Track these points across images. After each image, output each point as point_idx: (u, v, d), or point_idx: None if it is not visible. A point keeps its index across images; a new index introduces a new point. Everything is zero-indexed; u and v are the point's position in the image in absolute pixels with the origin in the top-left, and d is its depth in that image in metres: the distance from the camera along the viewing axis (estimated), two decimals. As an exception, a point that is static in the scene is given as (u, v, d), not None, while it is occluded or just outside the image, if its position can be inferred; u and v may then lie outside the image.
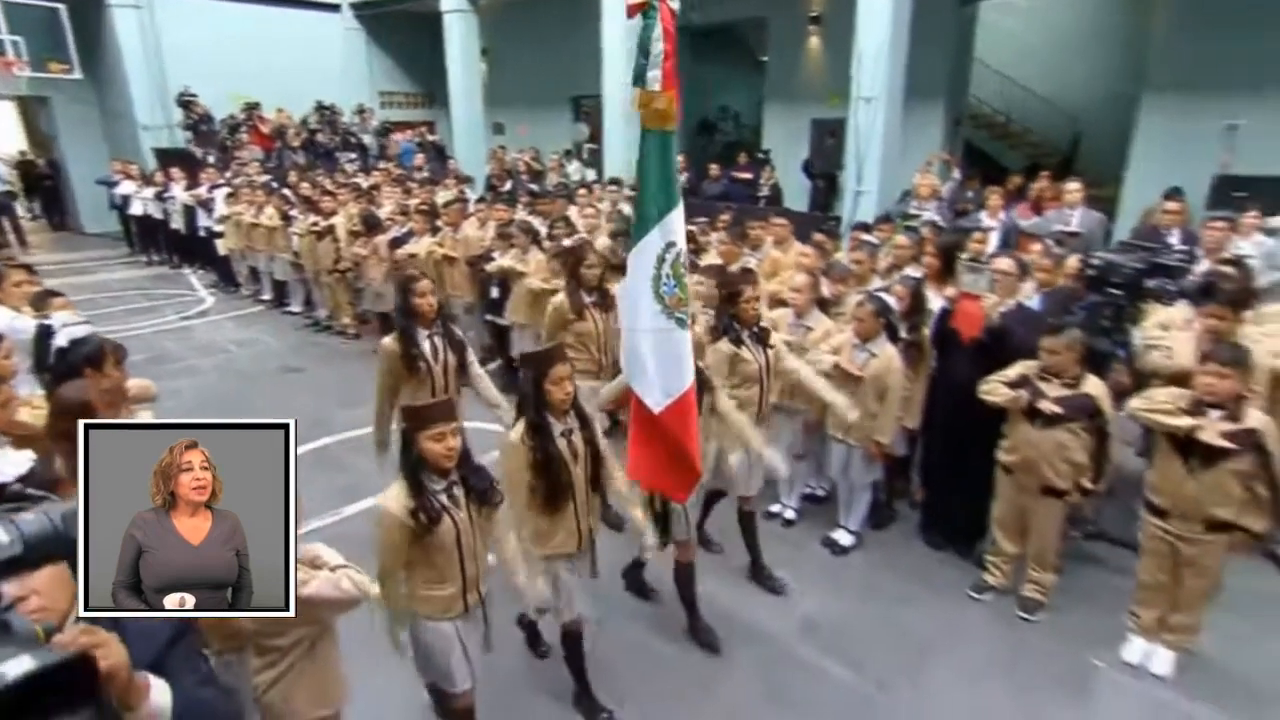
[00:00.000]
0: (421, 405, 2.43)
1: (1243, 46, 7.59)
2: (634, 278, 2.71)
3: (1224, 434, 2.90)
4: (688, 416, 2.77)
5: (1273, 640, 3.47)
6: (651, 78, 2.58)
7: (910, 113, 8.86)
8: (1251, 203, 5.83)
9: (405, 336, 3.64)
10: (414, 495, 2.33)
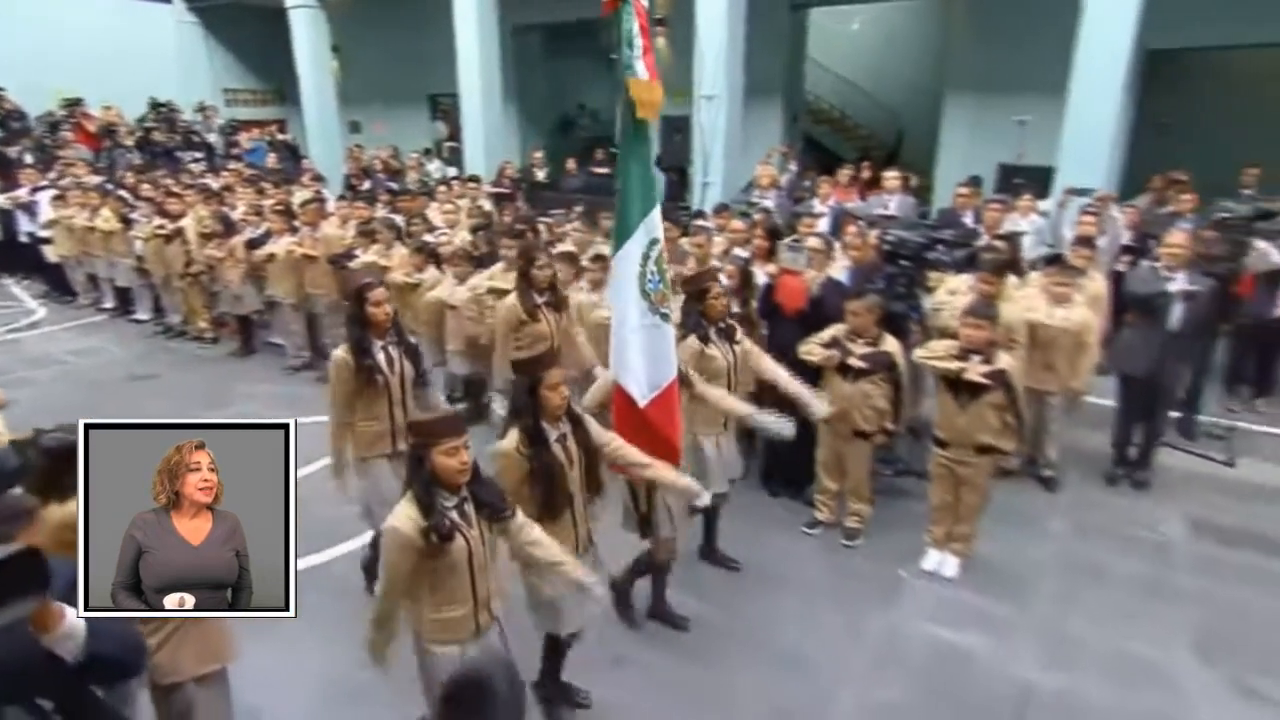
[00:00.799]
0: (433, 419, 2.32)
1: (1026, 52, 8.72)
2: (622, 278, 2.77)
3: (982, 374, 3.56)
4: (672, 407, 2.87)
5: (1030, 543, 4.25)
6: (639, 68, 2.65)
7: (750, 109, 9.54)
8: (1027, 188, 6.81)
9: (359, 348, 3.37)
10: (426, 514, 2.20)
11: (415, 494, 2.24)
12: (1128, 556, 4.13)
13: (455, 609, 2.32)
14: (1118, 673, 3.27)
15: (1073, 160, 6.66)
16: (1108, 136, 6.61)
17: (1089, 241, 5.25)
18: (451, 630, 2.33)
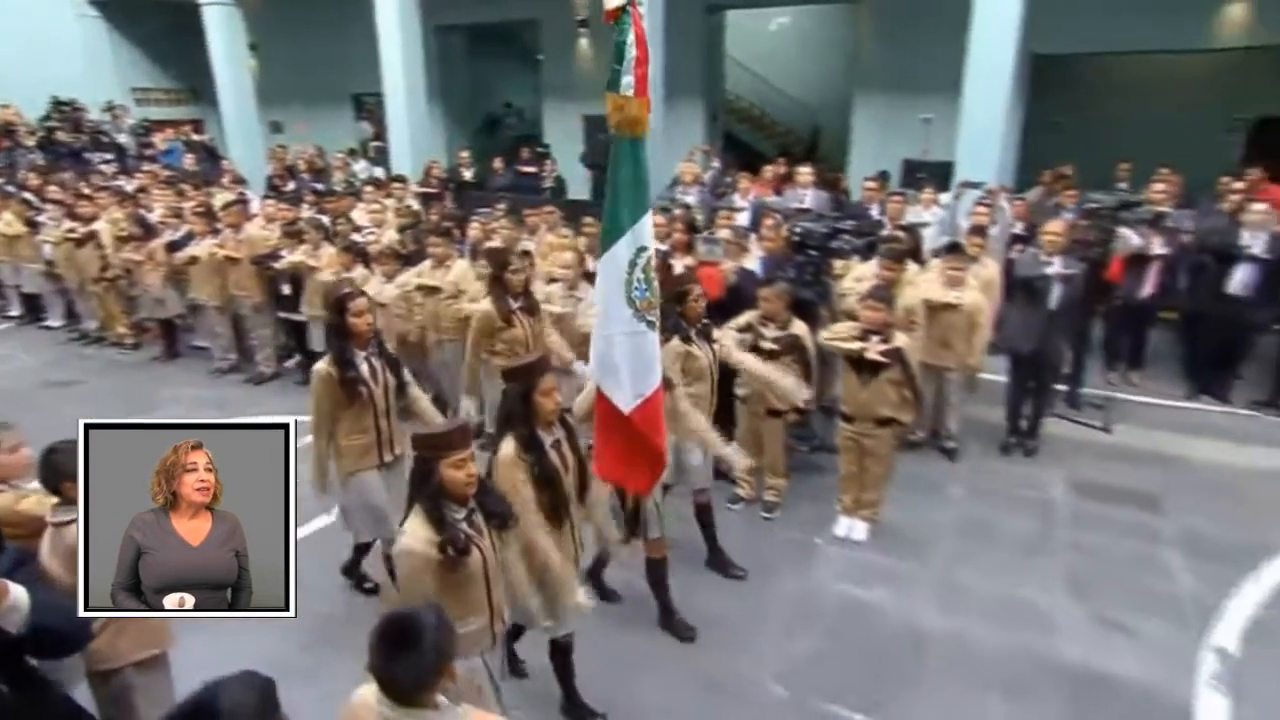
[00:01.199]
0: (440, 432, 2.25)
1: (928, 55, 9.21)
2: (605, 283, 2.73)
3: (880, 352, 3.86)
4: (656, 414, 2.82)
5: (932, 507, 4.62)
6: (625, 84, 2.58)
7: (672, 108, 9.80)
8: (929, 182, 7.25)
9: (341, 360, 3.24)
10: (439, 528, 2.15)
11: (425, 509, 2.17)
12: (1016, 515, 4.54)
13: (474, 621, 2.28)
14: (1001, 614, 3.64)
15: (969, 156, 7.14)
16: (999, 134, 7.11)
17: (982, 231, 5.68)
18: (471, 644, 2.25)
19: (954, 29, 7.21)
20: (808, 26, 14.19)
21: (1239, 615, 3.65)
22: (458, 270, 5.34)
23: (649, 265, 2.72)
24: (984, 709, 3.13)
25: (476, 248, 5.68)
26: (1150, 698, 3.17)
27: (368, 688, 1.58)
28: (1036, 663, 3.35)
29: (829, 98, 13.37)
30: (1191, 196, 7.18)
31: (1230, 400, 6.11)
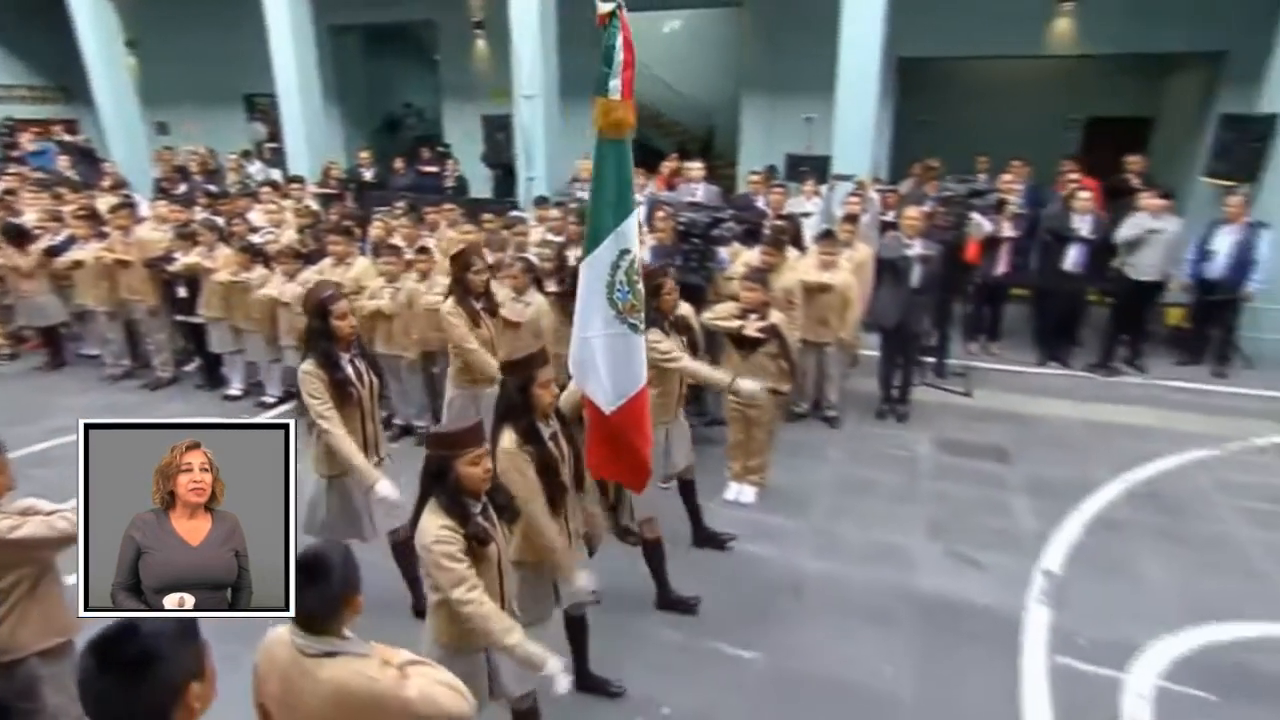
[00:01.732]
0: (458, 430, 2.26)
1: (806, 57, 9.67)
2: (587, 285, 2.72)
3: (758, 329, 4.21)
4: (640, 416, 2.81)
5: (814, 469, 5.04)
6: (613, 87, 2.58)
7: (570, 107, 9.94)
8: (810, 175, 7.74)
9: (329, 363, 3.15)
10: (461, 523, 2.19)
11: (444, 505, 2.20)
12: (887, 472, 5.01)
13: None
14: (870, 556, 4.07)
15: (844, 151, 7.64)
16: (869, 131, 7.63)
17: (853, 218, 6.17)
18: (477, 637, 2.27)
19: (826, 34, 7.67)
20: (699, 29, 14.65)
21: (1064, 542, 4.21)
22: (359, 268, 5.40)
23: (632, 268, 2.70)
24: (853, 636, 3.52)
25: (378, 245, 5.73)
26: (990, 615, 3.64)
27: (282, 627, 1.75)
28: (898, 594, 3.78)
29: (722, 97, 13.85)
30: (1039, 186, 7.97)
31: (1070, 365, 6.86)
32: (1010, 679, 3.29)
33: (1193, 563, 4.09)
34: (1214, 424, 5.74)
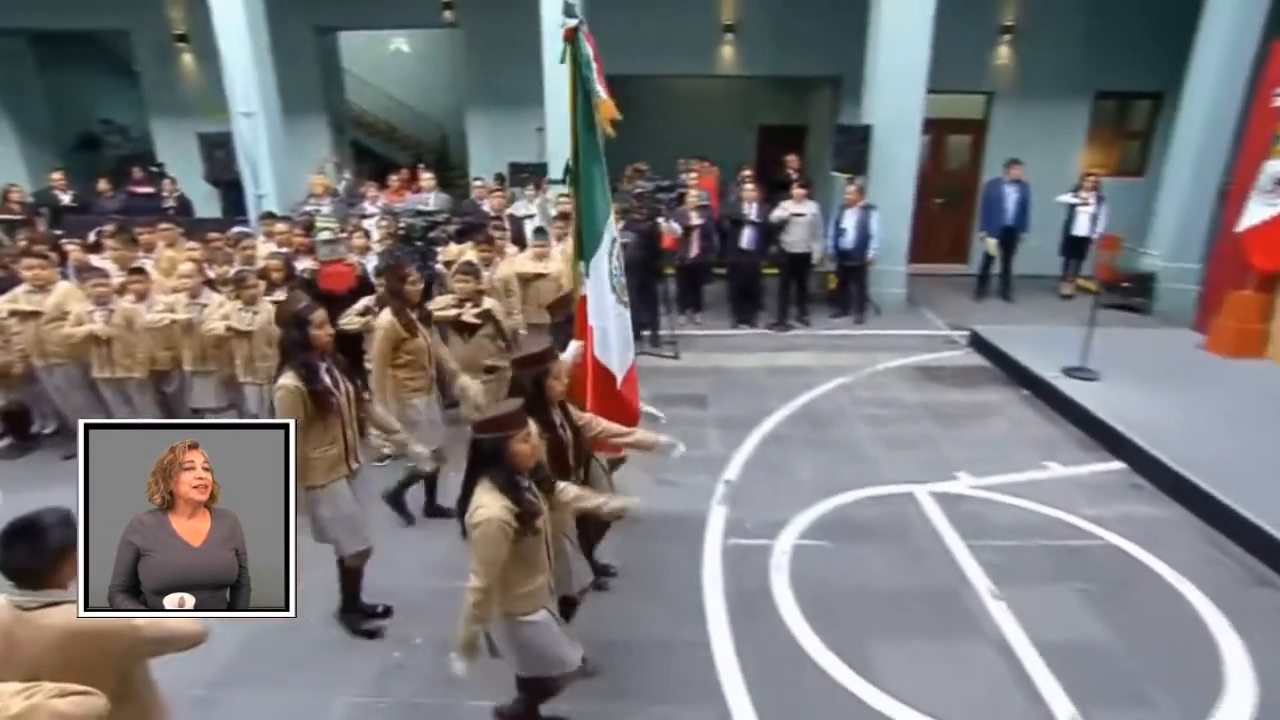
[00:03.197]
0: (507, 413, 2.35)
1: (522, 73, 10.12)
2: (598, 276, 3.06)
3: (474, 314, 4.66)
4: (633, 380, 3.31)
5: (550, 432, 5.59)
6: (597, 90, 2.89)
7: (294, 123, 9.69)
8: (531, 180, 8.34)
9: (309, 373, 3.09)
10: (515, 499, 2.29)
11: (499, 483, 2.30)
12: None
13: (537, 579, 2.46)
14: (589, 492, 4.70)
15: (556, 158, 8.34)
16: (576, 139, 8.40)
17: (565, 216, 6.82)
18: (535, 599, 2.45)
19: (533, 53, 8.31)
20: (426, 49, 14.76)
21: (740, 458, 5.19)
22: (60, 292, 5.00)
23: (617, 253, 3.09)
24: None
25: (81, 269, 5.31)
26: (682, 520, 4.45)
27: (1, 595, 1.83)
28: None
29: (451, 112, 14.09)
30: (725, 181, 9.29)
31: (756, 325, 8.18)
32: (695, 561, 4.10)
33: (828, 457, 5.27)
34: (853, 358, 7.25)
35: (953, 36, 8.83)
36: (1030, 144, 9.88)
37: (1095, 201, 8.68)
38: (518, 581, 2.40)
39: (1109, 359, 6.34)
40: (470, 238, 5.49)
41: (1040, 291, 9.45)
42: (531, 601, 2.44)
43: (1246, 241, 6.53)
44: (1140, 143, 10.66)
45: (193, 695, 3.11)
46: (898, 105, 8.23)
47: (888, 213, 8.19)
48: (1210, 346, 6.91)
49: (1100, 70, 10.11)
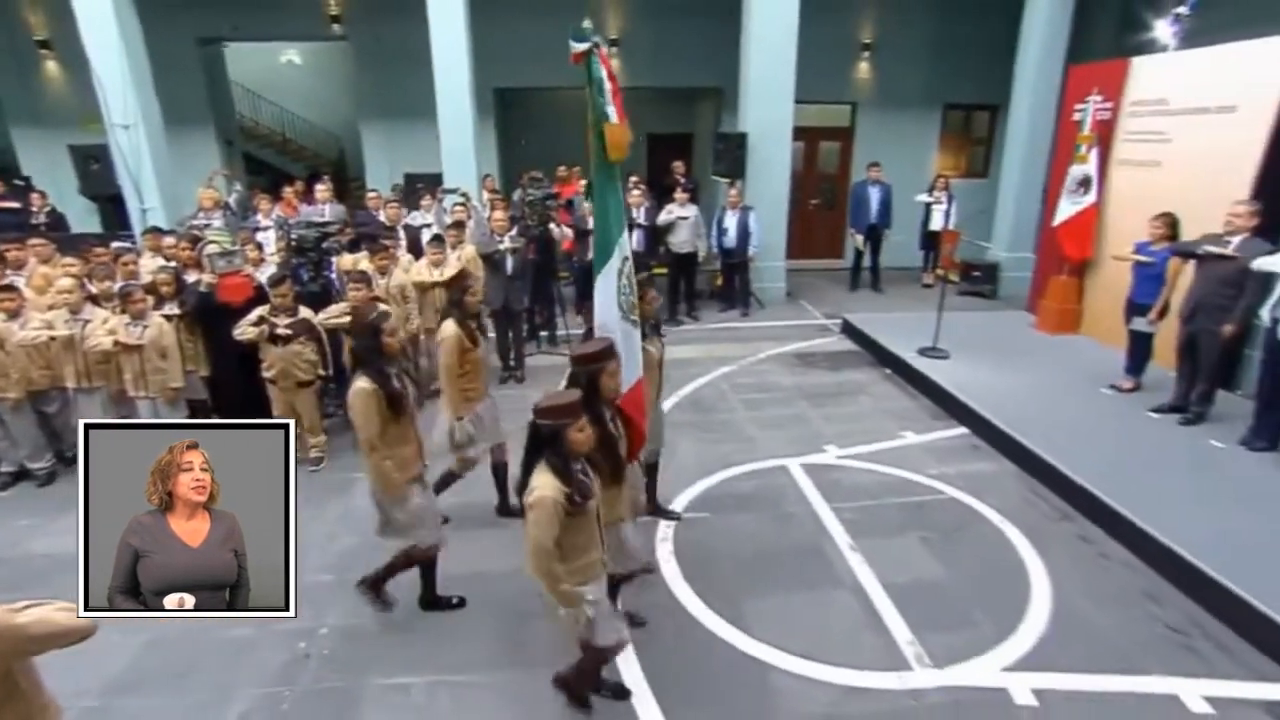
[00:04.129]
0: (568, 403, 2.46)
1: (408, 87, 10.06)
2: (604, 292, 2.95)
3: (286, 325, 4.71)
4: (639, 400, 3.07)
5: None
6: (610, 113, 2.75)
7: (180, 136, 9.30)
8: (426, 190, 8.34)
9: (384, 378, 3.20)
10: (566, 481, 2.42)
11: (553, 466, 2.44)
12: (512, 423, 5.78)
13: (589, 555, 2.60)
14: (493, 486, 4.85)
15: (451, 168, 8.40)
16: (470, 150, 8.48)
17: (459, 224, 6.92)
18: (585, 573, 2.59)
19: (424, 67, 8.33)
20: (317, 61, 14.34)
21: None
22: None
23: (629, 271, 3.00)
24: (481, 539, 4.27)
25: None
26: (576, 502, 4.66)
27: None
28: (512, 504, 4.62)
29: (348, 122, 13.78)
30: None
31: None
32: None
33: (710, 439, 5.62)
34: (737, 349, 7.68)
35: (819, 52, 9.47)
36: (891, 149, 10.69)
37: (947, 200, 9.48)
38: (572, 557, 2.55)
39: (957, 339, 7.02)
40: (364, 248, 5.51)
41: (906, 282, 10.24)
42: (582, 575, 2.59)
43: (1059, 234, 7.36)
44: (984, 148, 11.68)
45: (83, 706, 3.07)
46: (770, 114, 8.75)
47: (765, 213, 8.70)
48: (1038, 326, 7.74)
49: (947, 84, 11.05)
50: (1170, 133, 6.42)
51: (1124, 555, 4.12)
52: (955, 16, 10.69)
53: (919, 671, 3.29)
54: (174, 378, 4.70)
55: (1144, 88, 6.71)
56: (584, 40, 2.76)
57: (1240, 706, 3.08)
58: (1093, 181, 7.07)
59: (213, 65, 11.02)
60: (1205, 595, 3.65)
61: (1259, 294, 4.77)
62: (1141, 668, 3.28)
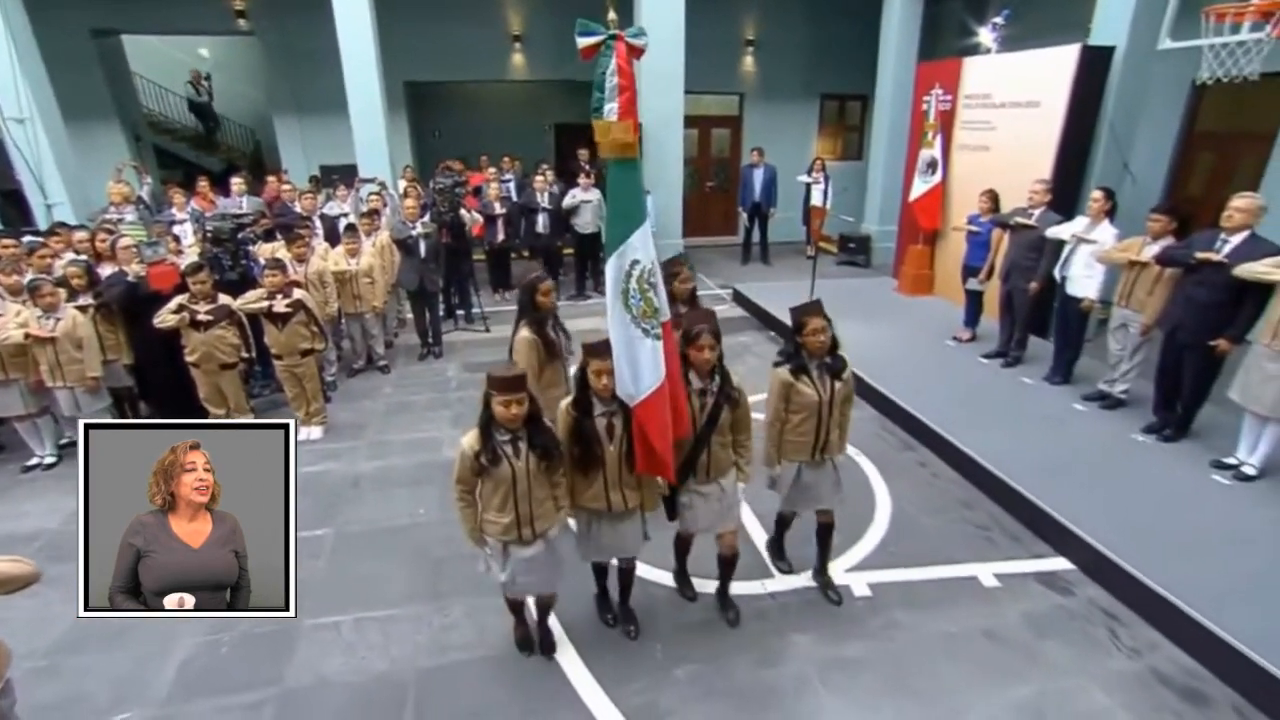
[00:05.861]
0: (498, 376, 2.51)
1: (318, 82, 9.69)
2: (610, 289, 2.66)
3: (286, 305, 4.77)
4: (658, 413, 2.67)
5: (372, 404, 5.83)
6: (609, 109, 2.46)
7: (83, 129, 8.81)
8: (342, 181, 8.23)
9: (539, 326, 3.55)
10: (483, 441, 2.54)
11: (480, 425, 2.57)
12: (426, 394, 6.03)
13: (504, 516, 2.64)
14: (409, 448, 5.04)
15: (365, 159, 8.30)
16: (383, 141, 8.39)
17: (374, 213, 6.93)
18: (502, 531, 2.67)
19: (333, 62, 8.15)
20: (227, 55, 13.60)
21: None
22: None
23: (643, 276, 2.60)
24: (399, 498, 4.44)
25: None
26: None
27: None
28: (430, 466, 4.79)
29: (260, 117, 13.20)
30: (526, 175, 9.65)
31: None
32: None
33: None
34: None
35: (708, 47, 9.80)
36: (776, 136, 11.19)
37: (824, 180, 10.04)
38: (487, 510, 2.68)
39: (831, 303, 7.29)
40: (279, 237, 5.49)
41: (792, 255, 10.81)
42: (490, 528, 2.70)
43: (914, 209, 8.01)
44: (858, 134, 12.35)
45: (31, 667, 3.11)
46: (663, 104, 9.02)
47: (661, 195, 9.01)
48: (900, 289, 8.42)
49: (822, 76, 11.60)
50: (995, 122, 7.08)
51: (950, 474, 4.71)
52: (827, 17, 11.22)
53: (778, 578, 3.72)
54: (91, 367, 4.62)
55: (974, 84, 7.34)
56: (591, 34, 2.44)
57: (1019, 579, 3.67)
58: (939, 163, 7.71)
59: (111, 58, 10.37)
60: (1002, 498, 4.27)
61: (1054, 257, 5.44)
62: (953, 559, 3.84)
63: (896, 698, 2.94)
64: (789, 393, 3.09)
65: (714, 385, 2.86)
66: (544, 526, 2.71)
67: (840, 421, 3.17)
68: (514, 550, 2.71)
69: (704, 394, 2.85)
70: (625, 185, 2.63)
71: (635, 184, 2.65)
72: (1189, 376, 4.48)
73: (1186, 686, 2.98)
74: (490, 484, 2.60)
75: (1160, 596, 3.26)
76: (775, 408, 3.15)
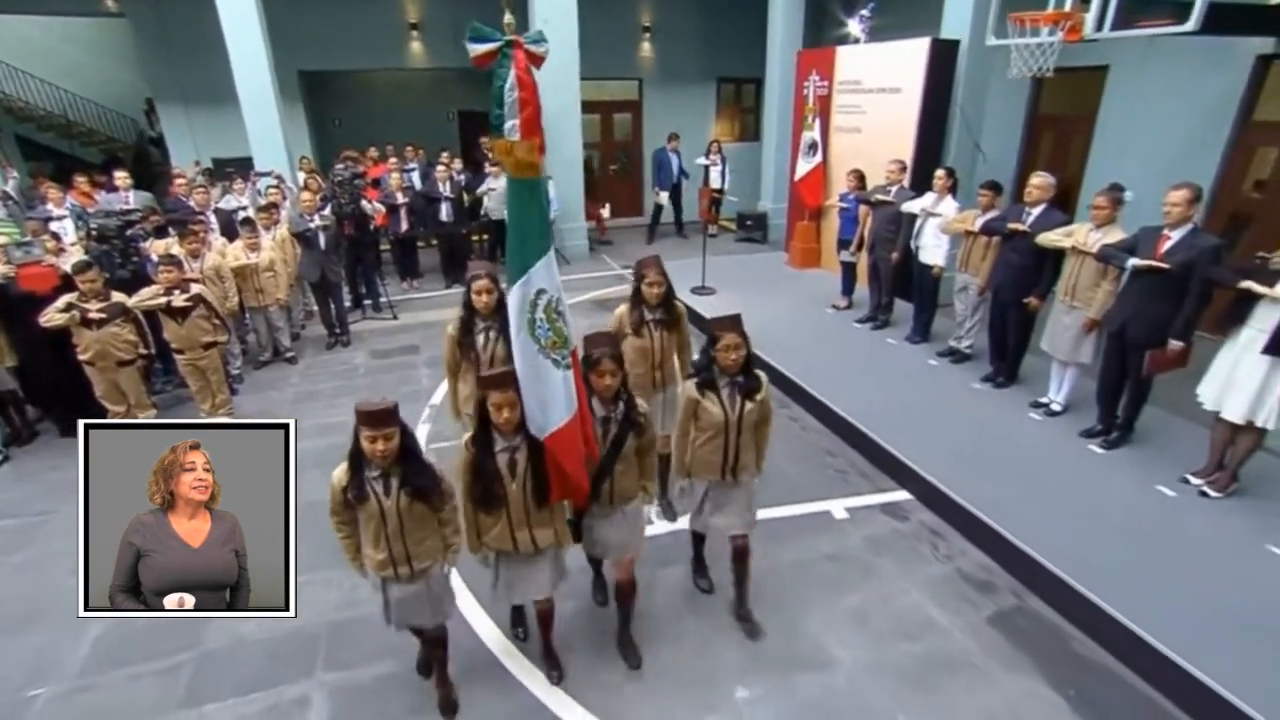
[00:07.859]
0: (364, 410, 2.29)
1: (203, 70, 9.44)
2: (512, 316, 2.46)
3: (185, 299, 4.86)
4: (571, 443, 2.56)
5: (277, 392, 5.96)
6: (509, 127, 2.27)
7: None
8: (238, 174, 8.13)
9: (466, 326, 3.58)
10: (351, 476, 2.37)
11: (349, 458, 2.38)
12: (335, 381, 6.21)
13: (375, 554, 2.47)
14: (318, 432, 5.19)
15: (260, 150, 8.23)
16: (278, 131, 8.31)
17: (273, 206, 6.96)
18: (375, 565, 2.50)
19: (218, 51, 7.99)
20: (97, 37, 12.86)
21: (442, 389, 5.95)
22: None
23: (550, 306, 2.49)
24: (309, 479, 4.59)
25: None
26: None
27: None
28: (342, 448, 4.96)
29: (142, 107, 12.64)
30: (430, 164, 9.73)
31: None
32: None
33: (519, 378, 6.29)
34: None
35: (606, 34, 10.12)
36: (676, 119, 11.66)
37: (721, 161, 10.60)
38: (364, 544, 2.54)
39: (725, 278, 8.13)
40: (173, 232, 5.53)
41: (694, 233, 11.34)
42: (370, 562, 2.56)
43: (799, 188, 8.66)
44: (754, 116, 12.97)
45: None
46: (559, 91, 9.29)
47: (562, 179, 9.33)
48: (790, 263, 9.09)
49: (718, 61, 12.12)
50: (864, 107, 7.77)
51: (817, 426, 5.33)
52: (721, 3, 11.71)
53: (658, 524, 4.20)
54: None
55: (846, 71, 8.00)
56: (485, 40, 2.22)
57: (866, 510, 4.30)
58: (819, 145, 8.36)
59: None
60: (859, 444, 4.92)
61: (910, 229, 6.14)
62: (811, 497, 4.43)
63: (749, 612, 3.47)
64: (695, 409, 2.94)
65: (618, 412, 2.71)
66: (424, 565, 2.54)
67: (754, 443, 3.01)
68: (391, 588, 2.55)
69: (608, 421, 2.71)
70: (527, 205, 2.44)
71: (538, 203, 2.45)
72: (1012, 331, 5.25)
73: (980, 580, 3.67)
74: (362, 518, 2.43)
75: (968, 511, 3.95)
76: (681, 422, 3.02)
